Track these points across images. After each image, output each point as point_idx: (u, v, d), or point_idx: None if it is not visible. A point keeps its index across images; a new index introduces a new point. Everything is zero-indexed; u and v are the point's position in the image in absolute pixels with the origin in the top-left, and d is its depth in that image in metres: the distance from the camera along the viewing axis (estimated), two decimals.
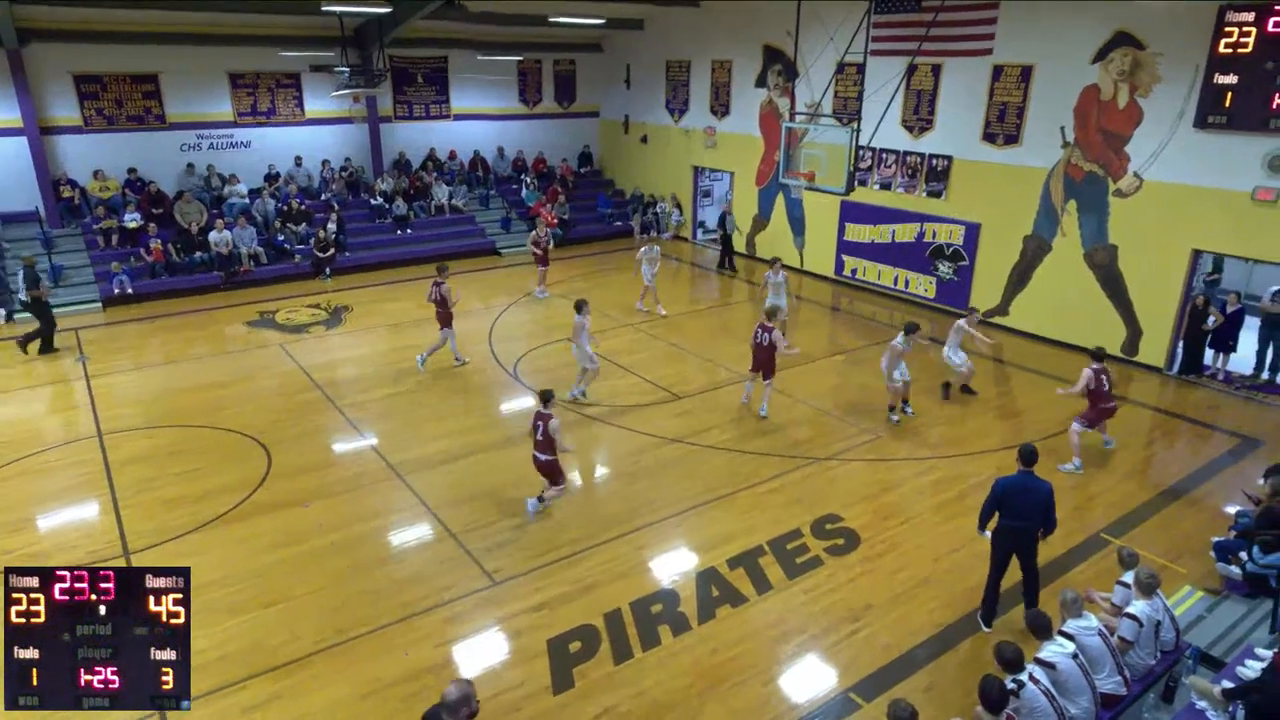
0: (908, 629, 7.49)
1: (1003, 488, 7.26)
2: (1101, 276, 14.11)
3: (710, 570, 8.33)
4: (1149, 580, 6.47)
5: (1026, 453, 7.35)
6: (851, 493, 9.83)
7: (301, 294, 17.87)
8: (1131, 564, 6.87)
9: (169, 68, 18.90)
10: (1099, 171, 13.85)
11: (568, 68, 24.98)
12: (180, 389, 12.84)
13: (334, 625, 7.44)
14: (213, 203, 19.21)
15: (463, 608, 7.72)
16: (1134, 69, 13.05)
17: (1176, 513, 9.55)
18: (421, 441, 11.03)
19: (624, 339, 15.10)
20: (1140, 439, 11.61)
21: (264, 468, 10.30)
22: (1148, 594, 6.46)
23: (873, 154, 17.25)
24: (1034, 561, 7.42)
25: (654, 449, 10.84)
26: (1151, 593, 6.47)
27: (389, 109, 22.24)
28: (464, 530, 8.94)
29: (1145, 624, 6.27)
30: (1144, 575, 6.52)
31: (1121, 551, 7.04)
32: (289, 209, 19.68)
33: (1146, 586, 6.46)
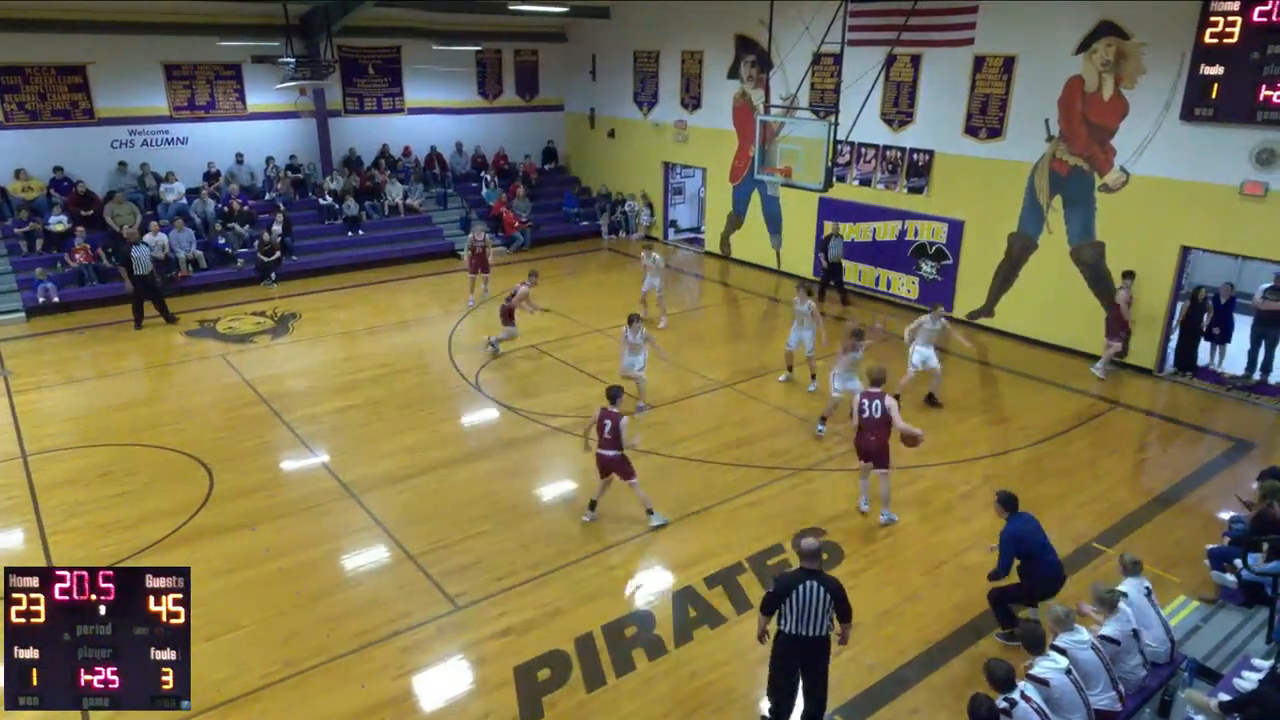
0: (895, 647, 7.55)
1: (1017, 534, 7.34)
2: (1089, 275, 14.38)
3: (687, 589, 8.33)
4: (1132, 565, 6.87)
5: (1007, 498, 7.48)
6: (834, 505, 9.90)
7: (245, 301, 17.62)
8: (1134, 571, 6.92)
9: (98, 58, 18.57)
10: (1085, 166, 14.13)
11: (530, 58, 24.97)
12: (113, 405, 12.60)
13: (283, 657, 7.32)
14: (147, 204, 18.91)
15: (423, 635, 7.64)
16: (1118, 60, 13.35)
17: (1169, 520, 9.74)
18: (377, 458, 10.92)
19: (592, 345, 15.09)
20: (1131, 443, 11.83)
21: (205, 489, 10.13)
22: (1133, 573, 6.84)
23: (851, 148, 17.43)
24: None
25: None
26: (1137, 572, 6.84)
27: (338, 102, 22.05)
28: (423, 552, 8.86)
29: (1123, 640, 6.38)
30: (1128, 559, 6.92)
31: (1124, 558, 7.06)
32: (230, 210, 19.41)
33: (1131, 568, 6.87)
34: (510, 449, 11.26)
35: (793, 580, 6.02)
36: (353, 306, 17.51)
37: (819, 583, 5.98)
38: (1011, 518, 7.40)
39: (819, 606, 5.97)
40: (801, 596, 5.94)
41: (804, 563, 6.10)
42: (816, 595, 5.94)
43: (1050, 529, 9.18)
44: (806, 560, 6.11)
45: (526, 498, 10.13)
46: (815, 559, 6.13)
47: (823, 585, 5.98)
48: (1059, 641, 6.10)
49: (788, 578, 6.10)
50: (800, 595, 5.94)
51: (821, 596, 5.96)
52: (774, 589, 6.07)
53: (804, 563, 6.10)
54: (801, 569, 6.09)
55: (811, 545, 6.14)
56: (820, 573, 6.09)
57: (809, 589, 5.94)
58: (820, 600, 5.96)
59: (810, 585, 5.95)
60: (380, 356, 14.58)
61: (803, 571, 6.06)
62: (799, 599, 5.95)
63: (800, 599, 5.95)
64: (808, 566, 6.08)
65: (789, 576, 6.11)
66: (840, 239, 17.51)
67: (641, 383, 12.12)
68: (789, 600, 5.98)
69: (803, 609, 5.97)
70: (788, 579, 6.07)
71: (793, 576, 6.07)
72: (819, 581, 5.99)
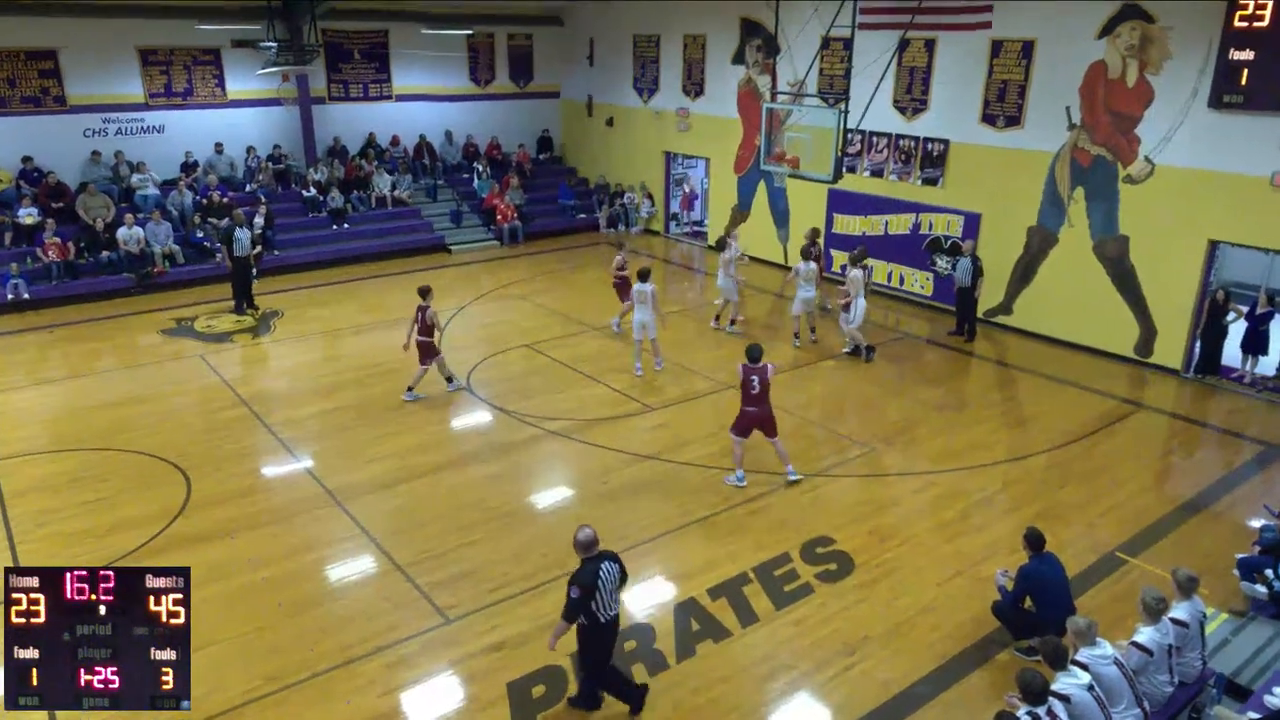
0: (909, 662, 7.55)
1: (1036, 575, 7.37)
2: (1112, 271, 14.39)
3: (689, 601, 8.33)
4: (1188, 583, 6.74)
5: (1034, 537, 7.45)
6: (843, 512, 9.90)
7: (224, 298, 17.58)
8: (1190, 590, 6.77)
9: (70, 43, 18.55)
10: (1108, 156, 14.13)
11: (524, 43, 24.98)
12: (86, 407, 12.59)
13: (265, 672, 7.32)
14: (122, 195, 18.89)
15: (411, 649, 7.64)
16: (1143, 44, 13.35)
17: (1196, 528, 9.74)
18: (363, 463, 10.92)
19: (590, 345, 15.09)
20: (1156, 448, 11.84)
21: (183, 495, 10.12)
22: (1188, 592, 6.71)
23: (862, 137, 17.44)
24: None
25: (624, 467, 10.83)
26: (1192, 590, 6.73)
27: (322, 89, 22.06)
28: (412, 562, 8.86)
29: (1156, 652, 6.38)
30: (1182, 576, 6.78)
31: (1177, 574, 6.85)
32: (209, 202, 19.39)
33: (1186, 588, 6.73)
34: (504, 453, 11.26)
35: (594, 569, 6.44)
36: (338, 304, 17.50)
37: (610, 561, 6.55)
38: (1033, 556, 7.41)
39: (615, 585, 6.59)
40: (607, 581, 6.47)
41: (591, 552, 6.51)
42: (614, 575, 6.54)
43: (1072, 537, 9.28)
44: (590, 549, 6.50)
45: (521, 505, 10.12)
46: (595, 544, 6.53)
47: (615, 563, 6.60)
48: (1080, 656, 6.09)
49: (588, 569, 6.45)
50: (606, 580, 6.46)
51: (616, 574, 6.58)
52: (581, 586, 6.36)
53: (591, 552, 6.51)
54: (595, 556, 6.50)
55: (588, 534, 6.53)
56: (607, 553, 6.60)
57: (609, 570, 6.50)
58: (616, 579, 6.59)
59: (608, 566, 6.50)
60: (367, 356, 14.56)
61: (598, 557, 6.51)
62: (606, 582, 6.46)
63: (607, 584, 6.47)
64: (596, 554, 6.52)
65: (588, 567, 6.46)
66: (976, 262, 15.10)
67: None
68: (600, 587, 6.42)
69: (609, 592, 6.51)
70: (589, 569, 6.44)
71: (592, 565, 6.46)
72: (610, 560, 6.56)
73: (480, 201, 22.91)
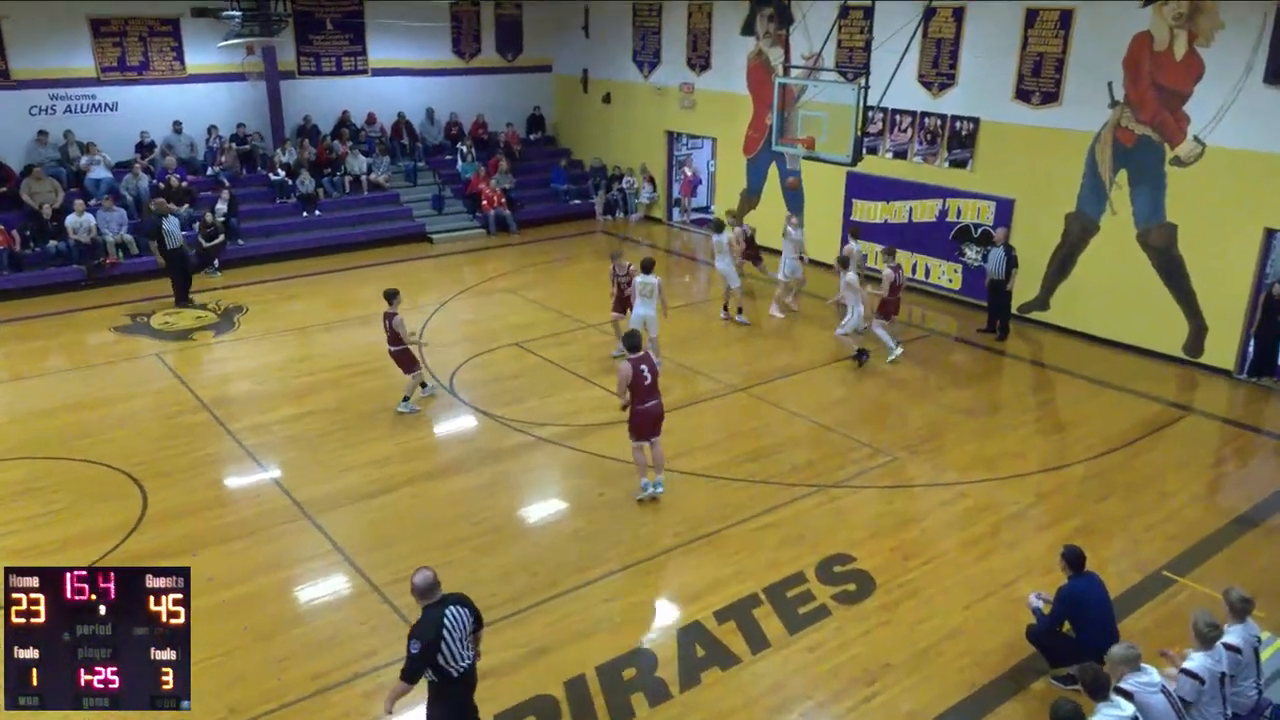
0: (934, 692, 7.55)
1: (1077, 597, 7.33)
2: (1158, 262, 14.39)
3: (694, 625, 8.33)
4: (1242, 605, 6.67)
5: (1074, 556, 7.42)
6: (863, 527, 9.90)
7: None
8: (1244, 612, 6.75)
9: (12, 12, 18.56)
10: (1153, 136, 14.14)
11: (513, 11, 25.00)
12: (32, 412, 12.62)
13: (227, 704, 7.32)
14: (71, 179, 18.91)
15: (389, 677, 7.59)
16: (1192, 13, 13.35)
17: (1251, 544, 9.74)
18: (336, 473, 10.93)
19: (584, 343, 15.10)
20: (1207, 456, 11.84)
21: (138, 508, 10.13)
22: (1242, 614, 6.66)
23: (884, 116, 17.44)
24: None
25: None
26: (1246, 613, 6.67)
27: (291, 63, 22.07)
28: (390, 581, 8.85)
29: (1208, 680, 6.38)
30: (1235, 598, 6.71)
31: (1230, 595, 6.82)
32: (167, 186, 19.40)
33: (1240, 610, 6.66)
34: (490, 462, 11.27)
35: (436, 617, 5.99)
36: (308, 298, 17.51)
37: (457, 605, 6.12)
38: (1073, 577, 7.39)
39: (466, 633, 6.13)
40: (454, 628, 6.01)
41: (431, 598, 6.09)
42: (462, 620, 6.09)
43: (1114, 554, 9.28)
44: (430, 595, 6.09)
45: (509, 519, 10.14)
46: (435, 588, 6.13)
47: (464, 607, 6.15)
48: (1125, 684, 6.10)
49: (429, 617, 6.01)
50: (453, 627, 6.01)
51: (467, 619, 6.13)
52: (422, 640, 5.91)
53: (431, 598, 6.09)
54: (437, 602, 6.07)
55: (426, 577, 6.11)
56: (452, 595, 6.19)
57: (455, 615, 6.05)
58: (466, 622, 6.13)
59: (454, 611, 6.06)
60: (340, 356, 14.59)
61: (440, 603, 6.08)
62: (453, 630, 6.01)
63: (455, 632, 6.01)
64: (437, 599, 6.09)
65: (430, 615, 6.02)
66: (1010, 252, 15.00)
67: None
68: (446, 638, 5.95)
69: (458, 640, 6.04)
70: (430, 617, 6.00)
71: (434, 612, 6.03)
72: (457, 604, 6.13)
73: (464, 186, 22.94)
